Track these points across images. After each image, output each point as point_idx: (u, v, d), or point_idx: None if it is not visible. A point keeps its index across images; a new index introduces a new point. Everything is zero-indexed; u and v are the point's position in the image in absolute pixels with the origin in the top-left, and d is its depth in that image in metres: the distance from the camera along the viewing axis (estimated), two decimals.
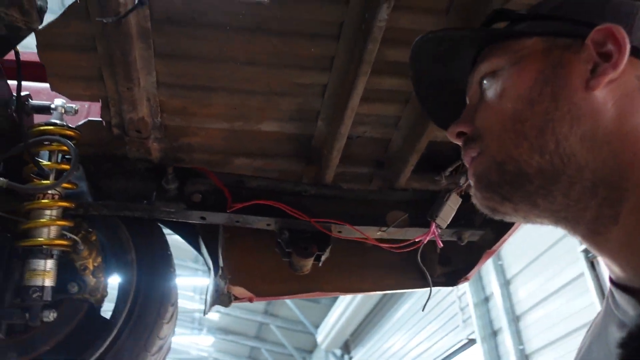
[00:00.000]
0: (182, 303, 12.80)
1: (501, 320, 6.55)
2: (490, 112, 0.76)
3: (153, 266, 1.87)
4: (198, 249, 2.17)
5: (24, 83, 1.84)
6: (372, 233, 1.83)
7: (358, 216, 1.85)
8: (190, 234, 2.10)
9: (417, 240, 1.73)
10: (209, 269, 2.09)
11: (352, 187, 1.91)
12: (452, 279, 2.11)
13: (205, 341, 15.87)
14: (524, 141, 0.71)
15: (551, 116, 0.70)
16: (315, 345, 13.67)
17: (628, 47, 0.69)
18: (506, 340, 6.43)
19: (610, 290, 0.72)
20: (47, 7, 1.26)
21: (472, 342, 7.16)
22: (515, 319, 6.44)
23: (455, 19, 1.37)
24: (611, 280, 0.72)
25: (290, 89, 1.57)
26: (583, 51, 0.72)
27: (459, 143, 0.82)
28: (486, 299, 7.15)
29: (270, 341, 15.23)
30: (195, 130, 1.69)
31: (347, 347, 12.78)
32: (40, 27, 1.30)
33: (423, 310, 2.26)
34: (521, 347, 6.27)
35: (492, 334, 6.85)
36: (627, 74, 0.70)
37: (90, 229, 1.78)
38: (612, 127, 0.68)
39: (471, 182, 0.79)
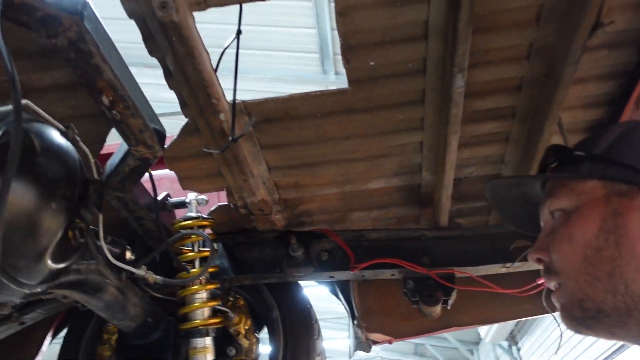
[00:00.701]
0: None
1: None
2: (564, 253, 0.84)
3: (296, 321, 2.04)
4: (336, 295, 2.31)
5: (166, 172, 2.14)
6: (497, 270, 1.82)
7: (480, 253, 1.85)
8: (328, 283, 2.25)
9: (539, 282, 1.69)
10: (348, 314, 2.21)
11: (471, 222, 1.92)
12: None
13: None
14: (598, 283, 0.79)
15: (617, 262, 0.77)
16: (479, 337, 13.31)
17: None
18: None
19: None
20: (165, 132, 1.46)
21: None
22: None
23: (537, 62, 1.34)
24: None
25: (389, 151, 1.64)
26: (638, 198, 0.78)
27: (540, 267, 0.91)
28: None
29: (434, 336, 15.15)
30: (310, 197, 1.83)
31: (513, 338, 12.27)
32: (165, 147, 1.52)
33: (556, 353, 2.16)
34: None
35: None
36: None
37: (237, 295, 2.01)
38: None
39: (557, 306, 0.88)
